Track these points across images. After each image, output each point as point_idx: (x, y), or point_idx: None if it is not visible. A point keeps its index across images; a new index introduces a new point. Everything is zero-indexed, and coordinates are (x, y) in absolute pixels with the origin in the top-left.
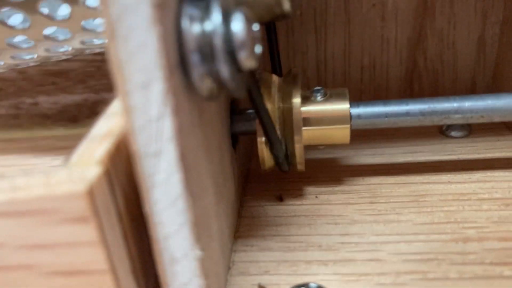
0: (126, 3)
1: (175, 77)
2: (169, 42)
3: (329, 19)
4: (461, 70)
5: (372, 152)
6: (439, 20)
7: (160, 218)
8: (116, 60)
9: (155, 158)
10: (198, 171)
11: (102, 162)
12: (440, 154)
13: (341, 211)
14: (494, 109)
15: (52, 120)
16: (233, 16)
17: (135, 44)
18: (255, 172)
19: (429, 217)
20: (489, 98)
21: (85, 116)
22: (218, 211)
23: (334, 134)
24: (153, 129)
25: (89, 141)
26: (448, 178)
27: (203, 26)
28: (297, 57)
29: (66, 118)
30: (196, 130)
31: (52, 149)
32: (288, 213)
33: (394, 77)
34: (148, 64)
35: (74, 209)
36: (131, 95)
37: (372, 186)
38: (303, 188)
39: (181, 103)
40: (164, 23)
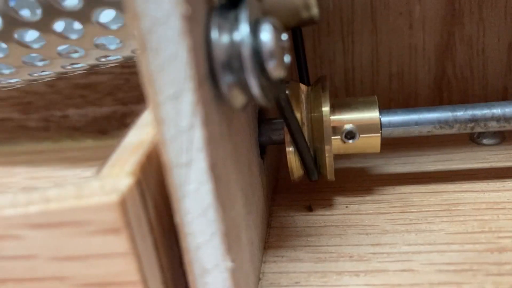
0: (156, 16)
1: (205, 88)
2: (198, 54)
3: (356, 28)
4: (491, 77)
5: (403, 160)
6: (468, 26)
7: (191, 228)
8: (147, 72)
9: (185, 168)
10: (227, 181)
11: (133, 173)
12: (471, 162)
13: (372, 221)
14: None
15: (81, 132)
16: (261, 26)
17: (166, 56)
18: (284, 182)
19: (462, 227)
20: None
21: (114, 128)
22: (248, 221)
23: (364, 143)
24: (184, 140)
25: (120, 151)
26: (481, 187)
27: (231, 36)
28: (324, 65)
29: (95, 130)
30: (226, 141)
31: (82, 161)
32: (318, 223)
33: (423, 85)
34: (179, 76)
35: (106, 220)
36: (162, 106)
37: (403, 195)
38: (332, 198)
39: (211, 113)
40: (193, 35)
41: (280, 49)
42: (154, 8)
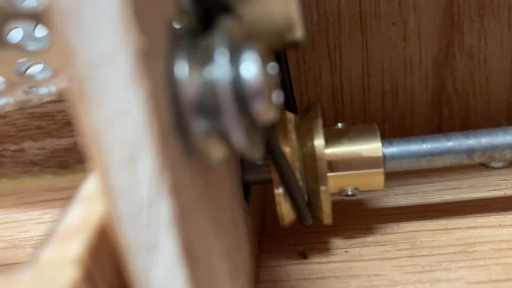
0: (98, 54)
1: (171, 145)
2: (160, 101)
3: (344, 41)
4: (495, 91)
5: (404, 190)
6: (468, 36)
7: None
8: (89, 129)
9: (150, 251)
10: (207, 256)
11: (80, 261)
12: (483, 189)
13: (377, 269)
14: None
15: (40, 167)
16: (243, 56)
17: (113, 108)
18: (271, 223)
19: (484, 273)
20: None
21: (76, 161)
22: None
23: (365, 179)
24: (145, 216)
25: (62, 232)
26: (498, 221)
27: (204, 72)
28: (309, 85)
29: (55, 165)
30: (203, 204)
31: (40, 201)
32: (315, 274)
33: (420, 102)
34: (133, 133)
35: None
36: (113, 175)
37: (410, 234)
38: (329, 241)
39: (181, 177)
40: (152, 76)
41: (268, 85)
42: (94, 42)
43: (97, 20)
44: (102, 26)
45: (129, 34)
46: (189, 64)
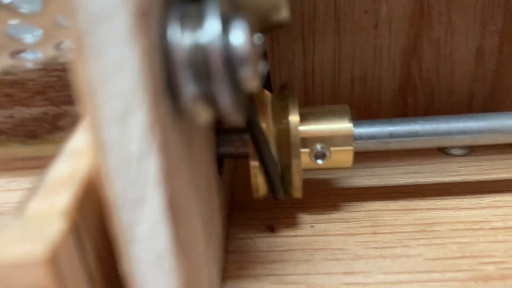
0: (99, 10)
1: (162, 104)
2: (154, 60)
3: (318, 26)
4: (458, 82)
5: (368, 172)
6: (436, 29)
7: (142, 278)
8: (85, 84)
9: (136, 206)
10: (188, 217)
11: (67, 213)
12: (442, 175)
13: (341, 244)
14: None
15: (8, 135)
16: (232, 25)
17: (110, 63)
18: (241, 198)
19: (441, 251)
20: None
21: (45, 131)
22: (207, 256)
23: (336, 157)
24: (134, 171)
25: (49, 185)
26: (456, 203)
27: (196, 37)
28: (282, 67)
29: (23, 134)
30: (186, 166)
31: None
32: (282, 247)
33: (387, 89)
34: (127, 89)
35: (31, 279)
36: (105, 129)
37: (373, 213)
38: (296, 216)
39: (170, 136)
40: (147, 35)
41: (254, 53)
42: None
43: None
44: None
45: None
46: (181, 27)
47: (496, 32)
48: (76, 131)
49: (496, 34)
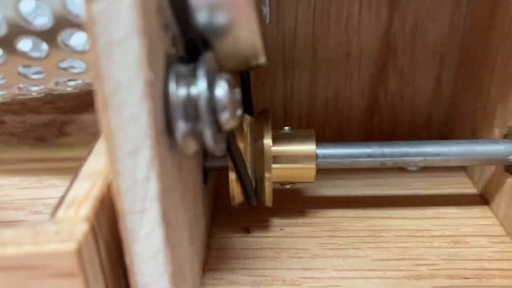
0: (120, 80)
1: (161, 143)
2: (157, 112)
3: (297, 54)
4: (418, 106)
5: (333, 184)
6: (400, 59)
7: (141, 269)
8: (107, 129)
9: (139, 215)
10: (176, 224)
11: (88, 219)
12: (397, 188)
13: (304, 245)
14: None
15: (19, 138)
16: (217, 82)
17: (126, 116)
18: (223, 203)
19: (385, 253)
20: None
21: (53, 136)
22: (191, 253)
23: (300, 172)
24: (139, 191)
25: (74, 195)
26: (404, 214)
27: (189, 90)
28: (265, 89)
29: (33, 138)
30: (176, 185)
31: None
32: (255, 246)
33: (356, 110)
34: (138, 134)
35: (63, 266)
36: (120, 161)
37: (333, 219)
38: (268, 220)
39: (165, 165)
40: (154, 96)
41: (233, 103)
42: (117, 72)
43: (122, 57)
44: (126, 63)
45: (141, 70)
46: (177, 83)
47: (453, 64)
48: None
49: (452, 66)
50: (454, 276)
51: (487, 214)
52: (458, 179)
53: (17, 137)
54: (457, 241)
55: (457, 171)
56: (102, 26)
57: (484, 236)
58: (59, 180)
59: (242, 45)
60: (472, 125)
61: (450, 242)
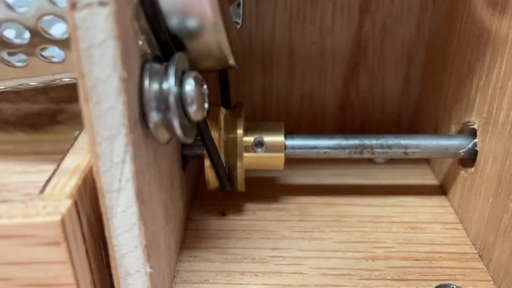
0: (99, 77)
1: (135, 131)
2: (132, 104)
3: (275, 52)
4: (388, 103)
5: (305, 173)
6: (371, 59)
7: (118, 241)
8: (88, 119)
9: (116, 194)
10: (150, 202)
11: (72, 196)
12: (363, 178)
13: (274, 227)
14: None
15: (14, 126)
16: (186, 79)
17: (105, 108)
18: (202, 189)
19: (347, 236)
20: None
21: (46, 124)
22: (167, 230)
23: (270, 161)
24: (116, 172)
25: (60, 174)
26: (368, 201)
27: (161, 85)
28: (245, 83)
29: (27, 125)
30: (151, 168)
31: (13, 154)
32: (229, 227)
33: (330, 106)
34: (114, 123)
35: (49, 235)
36: (99, 146)
37: (302, 205)
38: (243, 205)
39: (139, 150)
40: (129, 90)
41: (201, 97)
42: (97, 70)
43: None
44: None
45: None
46: (152, 79)
47: (419, 65)
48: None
49: (419, 66)
50: (408, 258)
51: (444, 204)
52: (421, 171)
53: (12, 125)
54: (413, 227)
55: (421, 164)
56: (83, 32)
57: (438, 223)
58: (50, 165)
59: (209, 47)
60: (434, 122)
61: (407, 227)
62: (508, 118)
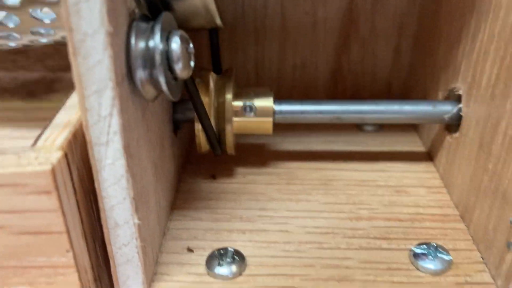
0: (87, 31)
1: (123, 85)
2: (119, 59)
3: (268, 22)
4: (379, 74)
5: (296, 140)
6: (362, 30)
7: (107, 193)
8: (77, 73)
9: (104, 146)
10: (139, 157)
11: (62, 148)
12: (352, 145)
13: (263, 190)
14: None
15: (11, 94)
16: (172, 37)
17: (92, 62)
18: (194, 154)
19: (332, 198)
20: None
21: (42, 92)
22: (157, 188)
23: (259, 125)
24: (104, 125)
25: (52, 128)
26: (354, 167)
27: (147, 43)
28: (238, 54)
29: (24, 93)
30: (139, 125)
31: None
32: (219, 190)
33: (321, 77)
34: (102, 77)
35: (40, 184)
36: (87, 99)
37: (291, 170)
38: (233, 169)
39: (126, 105)
40: (115, 46)
41: (187, 56)
42: (85, 25)
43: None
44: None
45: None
46: (138, 37)
47: (410, 36)
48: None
49: (410, 37)
50: (391, 219)
51: (430, 169)
52: (409, 138)
53: (9, 93)
54: (398, 191)
55: (409, 132)
56: None
57: (423, 187)
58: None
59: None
60: (423, 90)
61: (392, 191)
62: (490, 82)
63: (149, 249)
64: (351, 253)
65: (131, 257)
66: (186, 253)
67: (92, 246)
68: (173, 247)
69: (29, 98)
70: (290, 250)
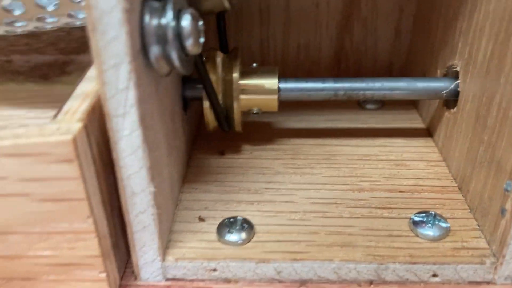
0: (104, 8)
1: (138, 60)
2: (134, 35)
3: (272, 3)
4: (380, 53)
5: (300, 118)
6: (364, 10)
7: (124, 163)
8: (95, 47)
9: (121, 118)
10: (153, 129)
11: (82, 119)
12: (354, 122)
13: (269, 165)
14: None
15: (24, 76)
16: (183, 15)
17: (110, 37)
18: (204, 131)
19: (335, 172)
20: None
21: (55, 74)
22: (169, 160)
23: (265, 102)
24: (121, 97)
25: (72, 100)
26: (357, 142)
27: (160, 21)
28: (244, 34)
29: (37, 76)
30: (153, 99)
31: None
32: (227, 165)
33: (325, 56)
34: (119, 52)
35: (62, 153)
36: (105, 73)
37: (296, 146)
38: (241, 146)
39: (142, 79)
40: (131, 22)
41: (196, 32)
42: (102, 2)
43: None
44: None
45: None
46: (152, 15)
47: (411, 15)
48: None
49: (410, 17)
50: (392, 190)
51: (429, 144)
52: (409, 115)
53: (23, 75)
54: (399, 164)
55: (410, 109)
56: None
57: (423, 161)
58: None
59: None
60: (422, 68)
61: (392, 164)
62: (485, 57)
63: (164, 217)
64: (353, 221)
65: (148, 224)
66: (197, 222)
67: (110, 214)
68: (185, 217)
69: (42, 81)
70: (295, 218)
